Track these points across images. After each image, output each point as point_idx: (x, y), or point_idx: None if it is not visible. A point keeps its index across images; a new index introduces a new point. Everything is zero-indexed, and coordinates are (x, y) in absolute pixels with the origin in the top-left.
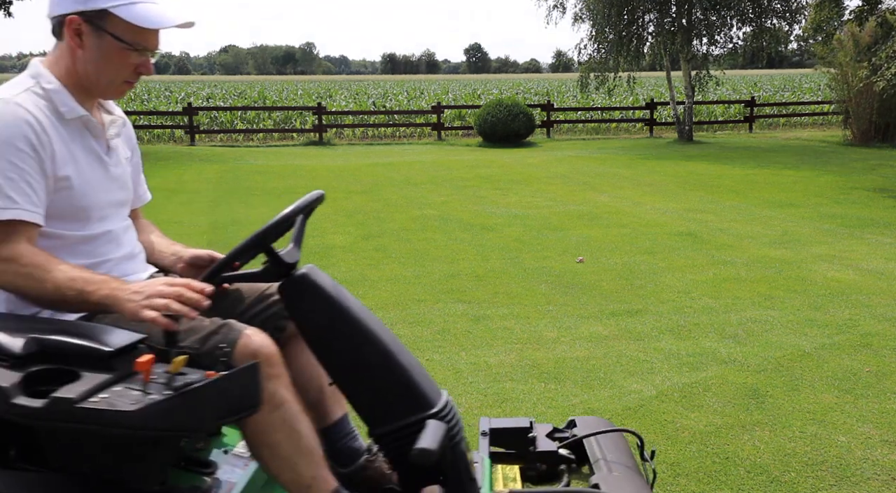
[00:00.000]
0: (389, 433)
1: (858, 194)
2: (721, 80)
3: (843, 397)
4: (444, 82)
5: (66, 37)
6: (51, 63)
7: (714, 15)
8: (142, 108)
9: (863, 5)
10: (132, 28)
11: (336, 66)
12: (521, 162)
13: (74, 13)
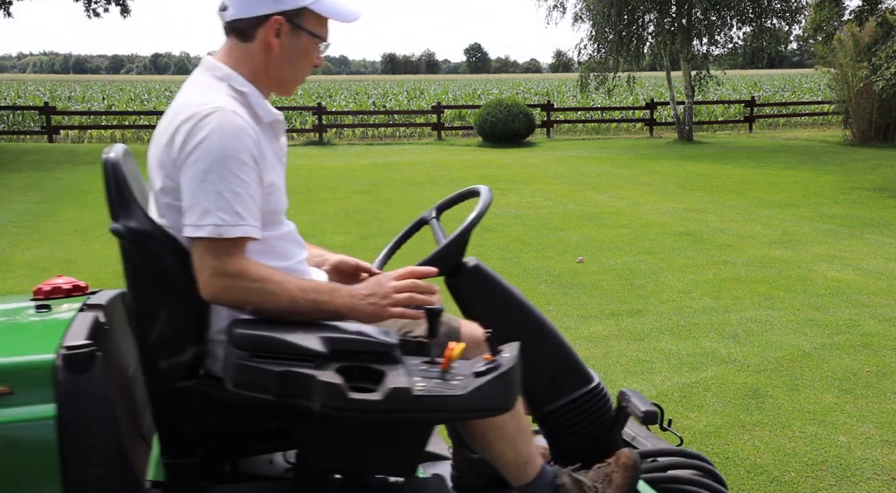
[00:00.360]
0: (559, 409)
1: (858, 194)
2: (721, 80)
3: (843, 397)
4: (444, 82)
5: (262, 37)
6: (234, 63)
7: (714, 15)
8: (142, 108)
9: (863, 5)
10: (323, 22)
11: (336, 66)
12: (521, 162)
13: (277, 13)
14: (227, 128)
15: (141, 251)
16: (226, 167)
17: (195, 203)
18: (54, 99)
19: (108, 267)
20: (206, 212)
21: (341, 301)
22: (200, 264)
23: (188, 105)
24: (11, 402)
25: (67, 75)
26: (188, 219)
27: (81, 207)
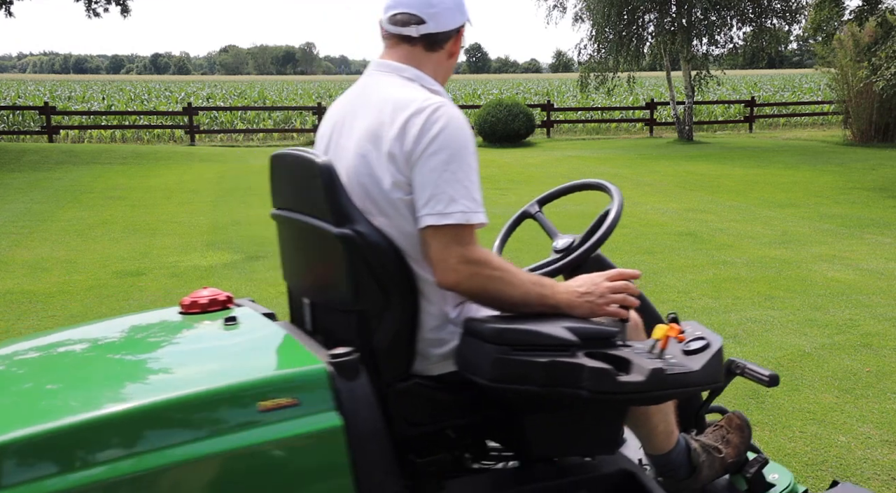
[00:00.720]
0: None
1: (858, 194)
2: (721, 80)
3: (843, 397)
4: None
5: (450, 46)
6: (417, 66)
7: (714, 15)
8: (142, 108)
9: (863, 5)
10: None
11: (336, 66)
12: (521, 162)
13: (465, 23)
14: (457, 121)
15: (368, 255)
16: (462, 157)
17: (439, 192)
18: (54, 99)
19: (108, 267)
20: (453, 200)
21: (561, 297)
22: (445, 251)
23: (407, 100)
24: (298, 413)
25: (67, 75)
26: (432, 208)
27: (81, 207)
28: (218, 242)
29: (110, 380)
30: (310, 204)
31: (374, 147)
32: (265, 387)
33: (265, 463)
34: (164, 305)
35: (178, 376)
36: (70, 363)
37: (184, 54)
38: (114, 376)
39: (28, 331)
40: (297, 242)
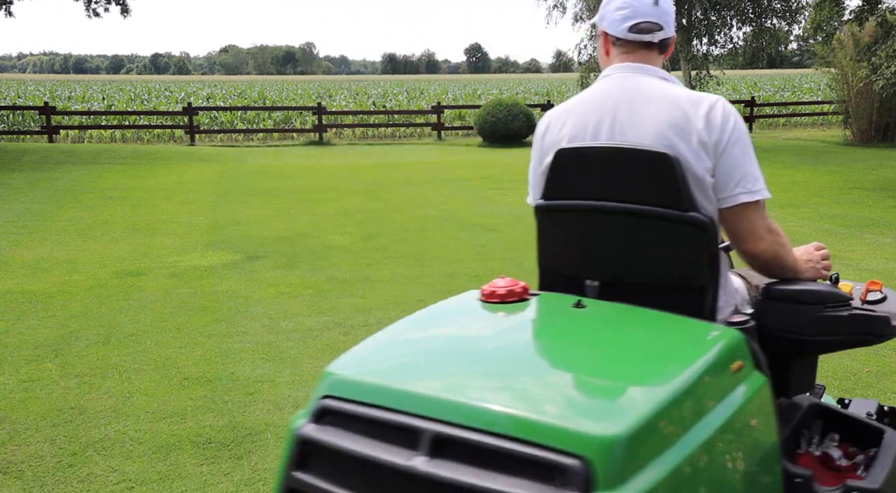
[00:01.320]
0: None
1: (858, 194)
2: (721, 80)
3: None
4: (444, 82)
5: (670, 48)
6: (659, 68)
7: (714, 15)
8: (142, 108)
9: (863, 5)
10: None
11: (336, 66)
12: (522, 162)
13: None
14: (737, 112)
15: (710, 234)
16: (749, 143)
17: (748, 172)
18: (54, 99)
19: (109, 267)
20: (757, 179)
21: (800, 264)
22: (756, 223)
23: (697, 97)
24: (745, 374)
25: (67, 75)
26: (743, 187)
27: (81, 207)
28: (218, 242)
29: (614, 360)
30: (644, 192)
31: (680, 138)
32: (729, 353)
33: (743, 422)
34: (164, 304)
35: (659, 353)
36: (559, 347)
37: (184, 54)
38: (612, 356)
39: (28, 331)
40: (601, 228)
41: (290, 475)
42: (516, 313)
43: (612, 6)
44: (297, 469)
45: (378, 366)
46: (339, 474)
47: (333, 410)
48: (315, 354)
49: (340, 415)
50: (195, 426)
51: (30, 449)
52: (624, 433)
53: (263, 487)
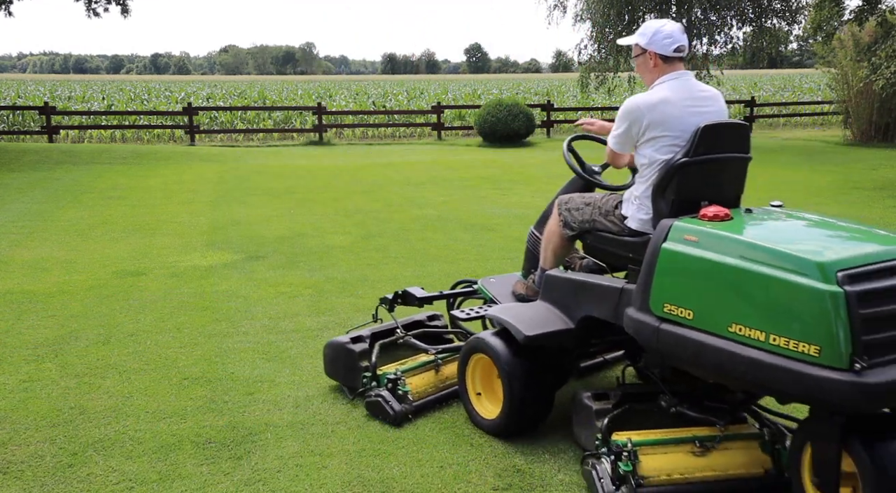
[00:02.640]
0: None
1: (858, 194)
2: (721, 80)
3: None
4: (444, 82)
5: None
6: None
7: (714, 15)
8: (142, 108)
9: (863, 5)
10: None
11: (336, 66)
12: (521, 162)
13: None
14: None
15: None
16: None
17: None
18: (54, 99)
19: (108, 267)
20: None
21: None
22: None
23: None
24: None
25: (67, 75)
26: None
27: (81, 207)
28: (218, 242)
29: (844, 232)
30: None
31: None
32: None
33: None
34: (164, 304)
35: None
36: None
37: (184, 54)
38: (839, 231)
39: (28, 331)
40: (725, 168)
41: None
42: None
43: (660, 36)
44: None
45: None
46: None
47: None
48: (315, 354)
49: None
50: (195, 426)
51: (30, 449)
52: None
53: (263, 487)
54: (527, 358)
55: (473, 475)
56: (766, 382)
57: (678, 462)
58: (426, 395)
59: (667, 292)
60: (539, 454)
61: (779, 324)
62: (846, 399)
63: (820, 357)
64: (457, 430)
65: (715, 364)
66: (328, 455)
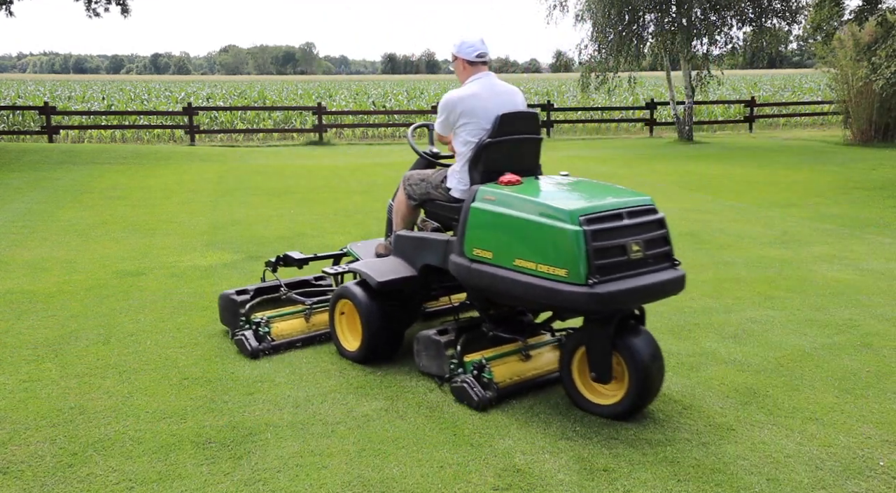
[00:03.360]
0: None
1: (858, 194)
2: (721, 80)
3: (843, 397)
4: (444, 82)
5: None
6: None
7: (714, 15)
8: (142, 108)
9: (863, 5)
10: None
11: (336, 66)
12: None
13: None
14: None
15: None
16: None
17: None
18: (54, 99)
19: (108, 267)
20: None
21: None
22: None
23: (515, 89)
24: None
25: (67, 75)
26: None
27: (81, 207)
28: (218, 242)
29: (595, 190)
30: (528, 128)
31: (522, 105)
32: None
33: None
34: (164, 304)
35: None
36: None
37: (184, 54)
38: (592, 190)
39: (28, 331)
40: (520, 145)
41: None
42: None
43: (465, 46)
44: None
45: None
46: None
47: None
48: (315, 354)
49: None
50: (195, 426)
51: (30, 449)
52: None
53: (263, 487)
54: (380, 301)
55: (473, 475)
56: (537, 298)
57: (514, 368)
58: (289, 337)
59: (474, 240)
60: (539, 454)
61: (543, 256)
62: (584, 305)
63: (568, 277)
64: (457, 430)
65: (505, 290)
66: (328, 455)
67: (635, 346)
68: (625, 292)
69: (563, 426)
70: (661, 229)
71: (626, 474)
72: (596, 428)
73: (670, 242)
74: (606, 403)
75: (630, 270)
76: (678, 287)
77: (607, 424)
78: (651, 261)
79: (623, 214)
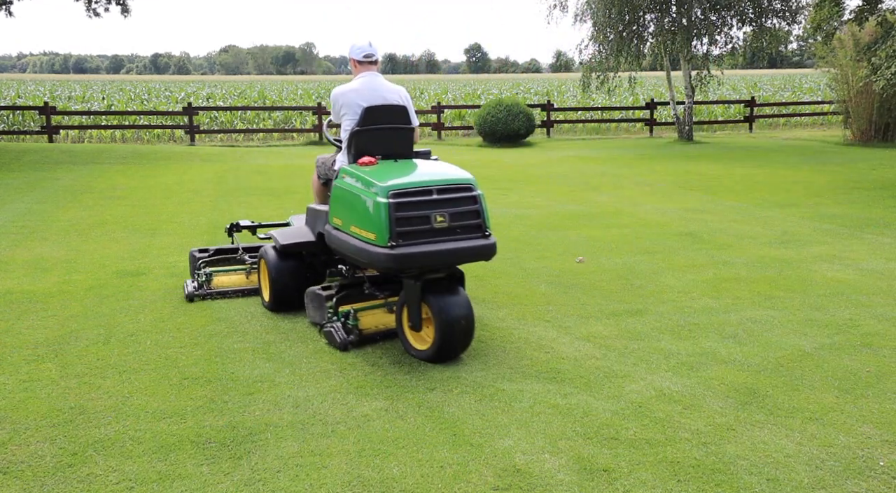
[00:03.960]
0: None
1: (858, 194)
2: (721, 80)
3: (843, 397)
4: (444, 82)
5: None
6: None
7: (714, 15)
8: (142, 108)
9: (863, 5)
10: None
11: (336, 66)
12: (521, 162)
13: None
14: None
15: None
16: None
17: (413, 115)
18: (54, 99)
19: (108, 267)
20: (415, 117)
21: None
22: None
23: (398, 87)
24: None
25: (67, 75)
26: (416, 121)
27: (81, 206)
28: (217, 242)
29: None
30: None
31: (404, 101)
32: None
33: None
34: (164, 304)
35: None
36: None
37: (184, 54)
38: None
39: (28, 331)
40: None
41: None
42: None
43: (355, 49)
44: None
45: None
46: None
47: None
48: (314, 354)
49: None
50: (195, 426)
51: (30, 449)
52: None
53: (263, 487)
54: (284, 260)
55: (473, 475)
56: (360, 257)
57: (379, 319)
58: (227, 287)
59: (335, 211)
60: (539, 454)
61: (364, 222)
62: (385, 263)
63: (376, 240)
64: (457, 430)
65: (346, 251)
66: (328, 455)
67: (442, 302)
68: (422, 254)
69: (563, 426)
70: (473, 205)
71: (626, 474)
72: (596, 428)
73: (482, 216)
74: (422, 348)
75: (432, 236)
76: (483, 254)
77: (607, 424)
78: (459, 230)
79: (433, 190)
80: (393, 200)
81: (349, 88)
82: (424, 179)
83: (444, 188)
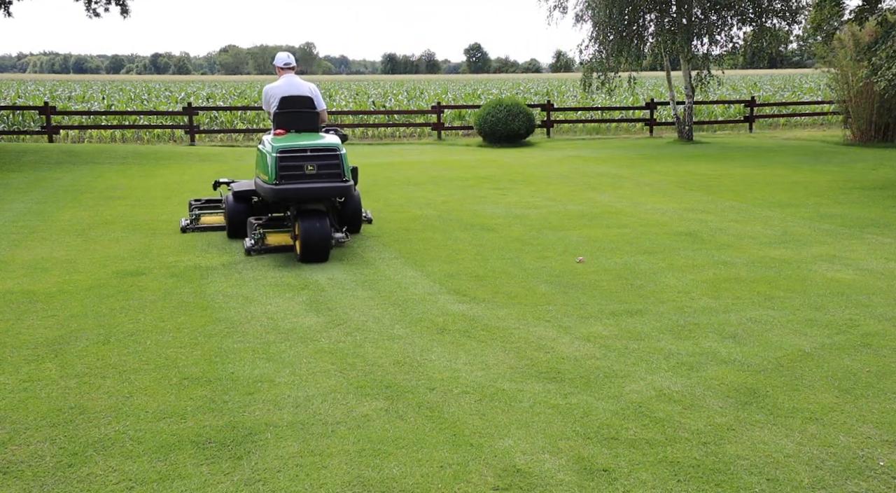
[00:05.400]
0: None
1: (858, 194)
2: (721, 80)
3: (843, 397)
4: (444, 82)
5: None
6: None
7: (714, 15)
8: (142, 108)
9: (863, 5)
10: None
11: (336, 66)
12: (521, 162)
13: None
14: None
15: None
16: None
17: (320, 102)
18: (54, 99)
19: (108, 267)
20: (322, 102)
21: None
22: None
23: (309, 85)
24: None
25: (67, 75)
26: (320, 105)
27: (81, 207)
28: (217, 242)
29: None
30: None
31: (311, 93)
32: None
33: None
34: (164, 304)
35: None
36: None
37: (184, 54)
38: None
39: (28, 331)
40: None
41: None
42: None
43: (277, 57)
44: None
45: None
46: None
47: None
48: (314, 354)
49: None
50: (195, 426)
51: (30, 449)
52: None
53: (263, 487)
54: (237, 202)
55: (473, 475)
56: (263, 193)
57: (282, 239)
58: (209, 224)
59: (256, 165)
60: (539, 454)
61: (265, 170)
62: (272, 196)
63: (268, 181)
64: (457, 430)
65: (260, 190)
66: (328, 455)
67: (303, 224)
68: (294, 190)
69: (564, 426)
70: (335, 160)
71: (626, 474)
72: (596, 428)
73: (342, 168)
74: (299, 253)
75: (304, 180)
76: (339, 192)
77: (607, 424)
78: (323, 176)
79: (307, 150)
80: (279, 154)
81: (275, 85)
82: (303, 143)
83: (316, 149)
